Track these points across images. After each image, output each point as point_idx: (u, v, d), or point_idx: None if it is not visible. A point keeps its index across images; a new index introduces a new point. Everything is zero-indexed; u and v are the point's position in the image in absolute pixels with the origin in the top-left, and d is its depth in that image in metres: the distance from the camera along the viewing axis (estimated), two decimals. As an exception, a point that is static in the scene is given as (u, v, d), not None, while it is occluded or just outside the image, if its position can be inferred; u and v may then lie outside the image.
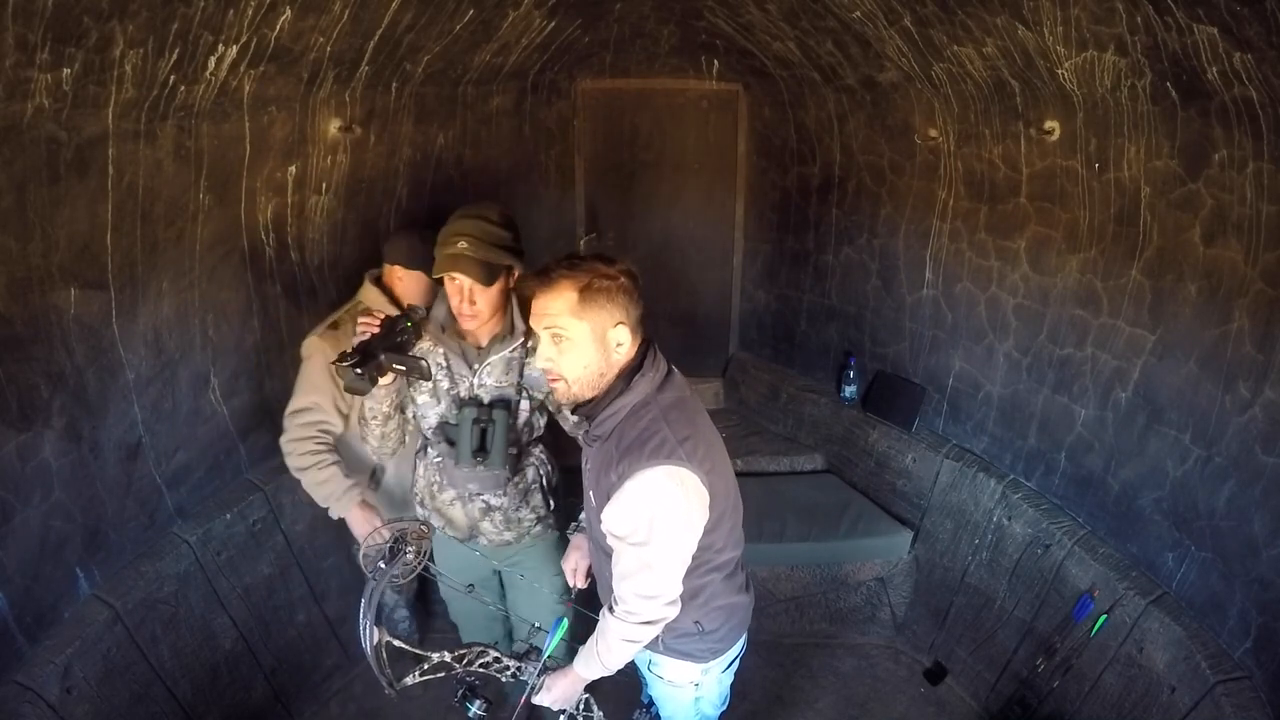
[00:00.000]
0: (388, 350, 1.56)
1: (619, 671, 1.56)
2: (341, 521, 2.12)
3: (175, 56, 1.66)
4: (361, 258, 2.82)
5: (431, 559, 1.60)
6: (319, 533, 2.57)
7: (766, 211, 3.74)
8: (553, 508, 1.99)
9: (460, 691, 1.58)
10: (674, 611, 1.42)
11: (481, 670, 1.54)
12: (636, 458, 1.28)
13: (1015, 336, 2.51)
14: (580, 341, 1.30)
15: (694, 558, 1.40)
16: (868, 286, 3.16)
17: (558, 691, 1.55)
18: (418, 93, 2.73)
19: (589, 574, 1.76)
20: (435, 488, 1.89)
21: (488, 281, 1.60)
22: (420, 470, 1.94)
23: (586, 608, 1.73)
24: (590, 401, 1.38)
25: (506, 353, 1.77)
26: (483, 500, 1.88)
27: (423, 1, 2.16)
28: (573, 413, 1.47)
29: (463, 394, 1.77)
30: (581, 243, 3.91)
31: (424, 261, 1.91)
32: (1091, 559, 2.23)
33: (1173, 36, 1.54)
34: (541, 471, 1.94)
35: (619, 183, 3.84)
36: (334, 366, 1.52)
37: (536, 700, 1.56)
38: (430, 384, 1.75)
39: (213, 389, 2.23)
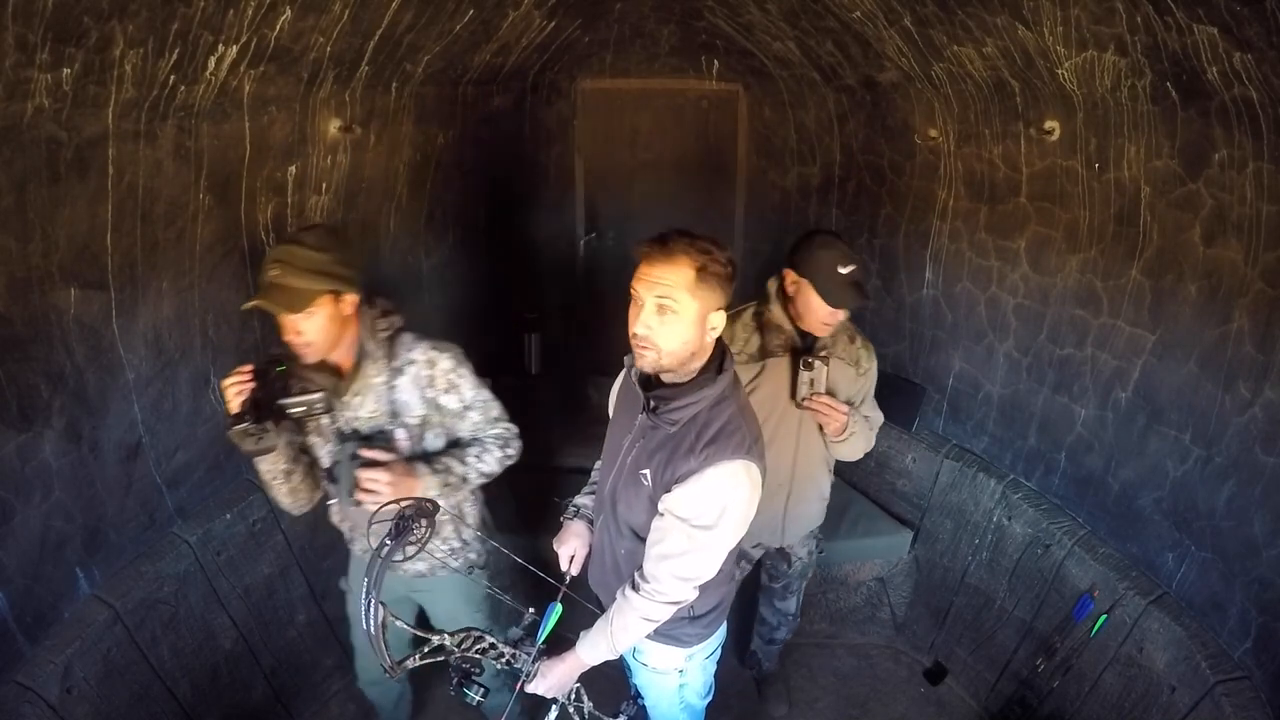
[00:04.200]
0: (274, 397, 1.45)
1: (606, 665, 1.57)
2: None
3: (175, 56, 1.66)
4: (361, 258, 2.83)
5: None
6: (319, 533, 2.57)
7: (766, 212, 3.74)
8: (469, 539, 1.87)
9: (455, 680, 1.57)
10: (695, 596, 1.46)
11: (477, 656, 1.53)
12: (723, 448, 1.33)
13: (1015, 336, 2.51)
14: (686, 318, 1.31)
15: None
16: (867, 286, 3.16)
17: (553, 678, 1.54)
18: (418, 93, 2.73)
19: (584, 562, 1.75)
20: (355, 528, 1.80)
21: (296, 309, 1.49)
22: (337, 506, 1.81)
23: (568, 598, 1.72)
24: (668, 384, 1.40)
25: (374, 380, 1.65)
26: None
27: (423, 1, 2.16)
28: (644, 388, 1.45)
29: (342, 428, 1.66)
30: (581, 243, 3.92)
31: (815, 270, 1.79)
32: (1091, 559, 2.23)
33: (1173, 36, 1.54)
34: (451, 502, 1.79)
35: (619, 183, 3.84)
36: (230, 434, 1.39)
37: (530, 688, 1.54)
38: (314, 425, 1.65)
39: (213, 389, 2.23)
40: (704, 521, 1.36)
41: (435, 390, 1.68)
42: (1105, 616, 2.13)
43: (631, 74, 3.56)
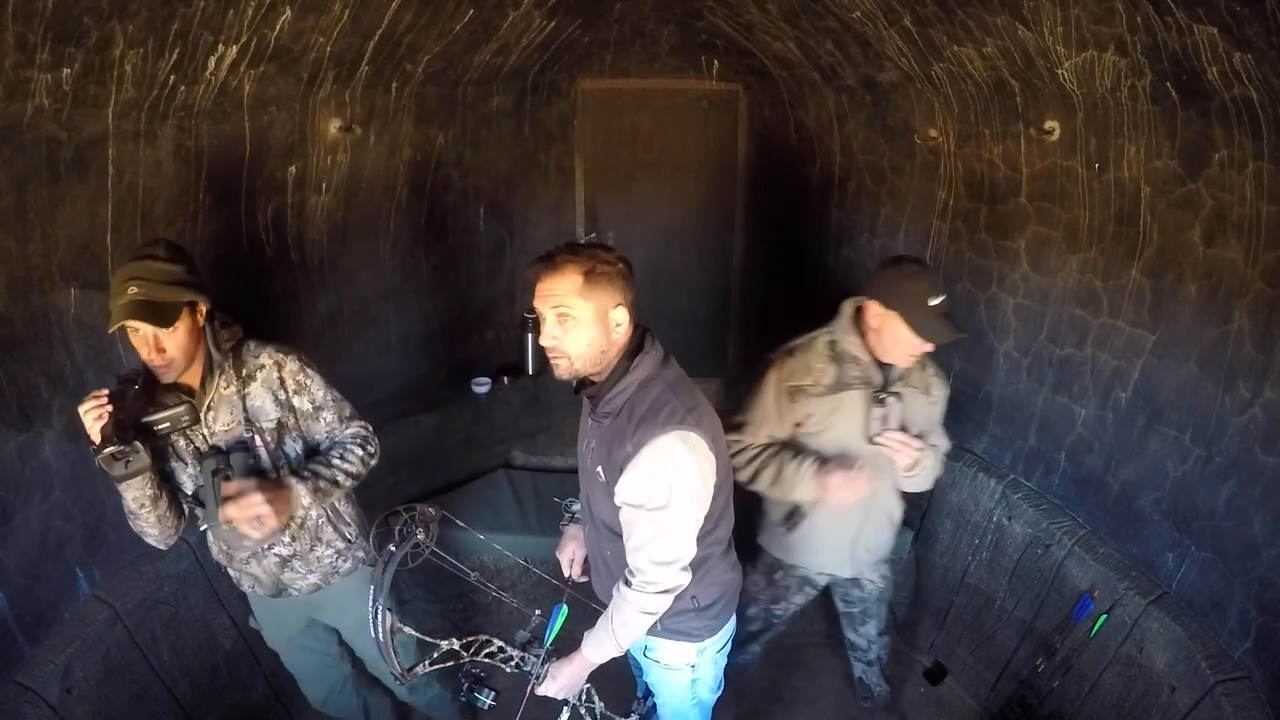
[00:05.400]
0: (136, 417, 1.41)
1: (615, 664, 1.58)
2: None
3: (175, 56, 1.67)
4: (361, 258, 2.83)
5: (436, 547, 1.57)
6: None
7: (766, 211, 3.74)
8: (353, 537, 1.86)
9: (466, 685, 1.57)
10: (687, 578, 1.47)
11: (487, 660, 1.54)
12: (651, 425, 1.37)
13: (1015, 336, 2.51)
14: (585, 321, 1.37)
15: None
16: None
17: (563, 679, 1.55)
18: (418, 93, 2.73)
19: (585, 566, 1.76)
20: (229, 549, 1.77)
21: (166, 323, 1.45)
22: (210, 535, 1.78)
23: (573, 599, 1.73)
24: (596, 383, 1.46)
25: (224, 392, 1.61)
26: (275, 553, 1.76)
27: (423, 1, 2.16)
28: (576, 392, 1.52)
29: (200, 447, 1.62)
30: (582, 242, 3.92)
31: (905, 302, 1.74)
32: (1091, 559, 2.23)
33: (1173, 36, 1.54)
34: (324, 504, 1.77)
35: (619, 183, 3.84)
36: (98, 463, 1.35)
37: (540, 691, 1.56)
38: (170, 449, 1.62)
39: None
40: (657, 503, 1.38)
41: (286, 392, 1.67)
42: (1105, 616, 2.13)
43: (631, 74, 3.56)
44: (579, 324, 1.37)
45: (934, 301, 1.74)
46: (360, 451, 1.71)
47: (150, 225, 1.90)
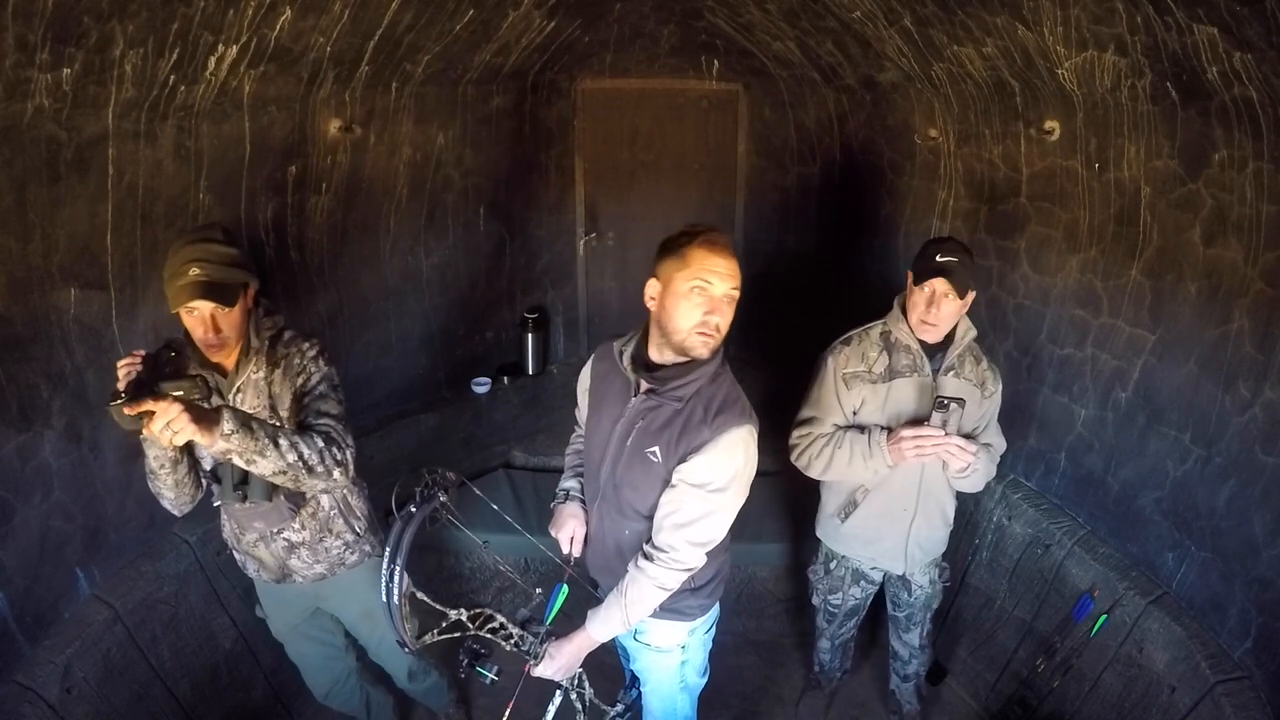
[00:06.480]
0: (156, 381, 1.43)
1: (603, 652, 1.59)
2: None
3: (175, 56, 1.67)
4: (362, 258, 2.83)
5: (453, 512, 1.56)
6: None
7: (766, 211, 3.74)
8: (362, 531, 1.89)
9: (466, 661, 1.54)
10: (703, 563, 1.53)
11: (488, 636, 1.52)
12: (731, 414, 1.44)
13: (1015, 336, 2.51)
14: (736, 302, 1.44)
15: None
16: (868, 286, 3.16)
17: (562, 659, 1.55)
18: (418, 93, 2.73)
19: (584, 542, 1.75)
20: (239, 530, 1.79)
21: (230, 302, 1.50)
22: (223, 515, 1.83)
23: (573, 579, 1.72)
24: (674, 365, 1.47)
25: (254, 376, 1.63)
26: (284, 538, 1.78)
27: (423, 1, 2.16)
28: (639, 367, 1.52)
29: None
30: (581, 243, 3.92)
31: (916, 260, 1.83)
32: (1091, 559, 2.23)
33: (1173, 36, 1.54)
34: (336, 496, 1.82)
35: (619, 183, 3.84)
36: (108, 409, 1.35)
37: (537, 672, 1.55)
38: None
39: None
40: (719, 484, 1.44)
41: (293, 371, 1.67)
42: (1105, 616, 2.13)
43: (631, 74, 3.56)
44: (734, 305, 1.42)
45: (941, 258, 1.78)
46: (320, 442, 1.56)
47: (150, 225, 1.90)
